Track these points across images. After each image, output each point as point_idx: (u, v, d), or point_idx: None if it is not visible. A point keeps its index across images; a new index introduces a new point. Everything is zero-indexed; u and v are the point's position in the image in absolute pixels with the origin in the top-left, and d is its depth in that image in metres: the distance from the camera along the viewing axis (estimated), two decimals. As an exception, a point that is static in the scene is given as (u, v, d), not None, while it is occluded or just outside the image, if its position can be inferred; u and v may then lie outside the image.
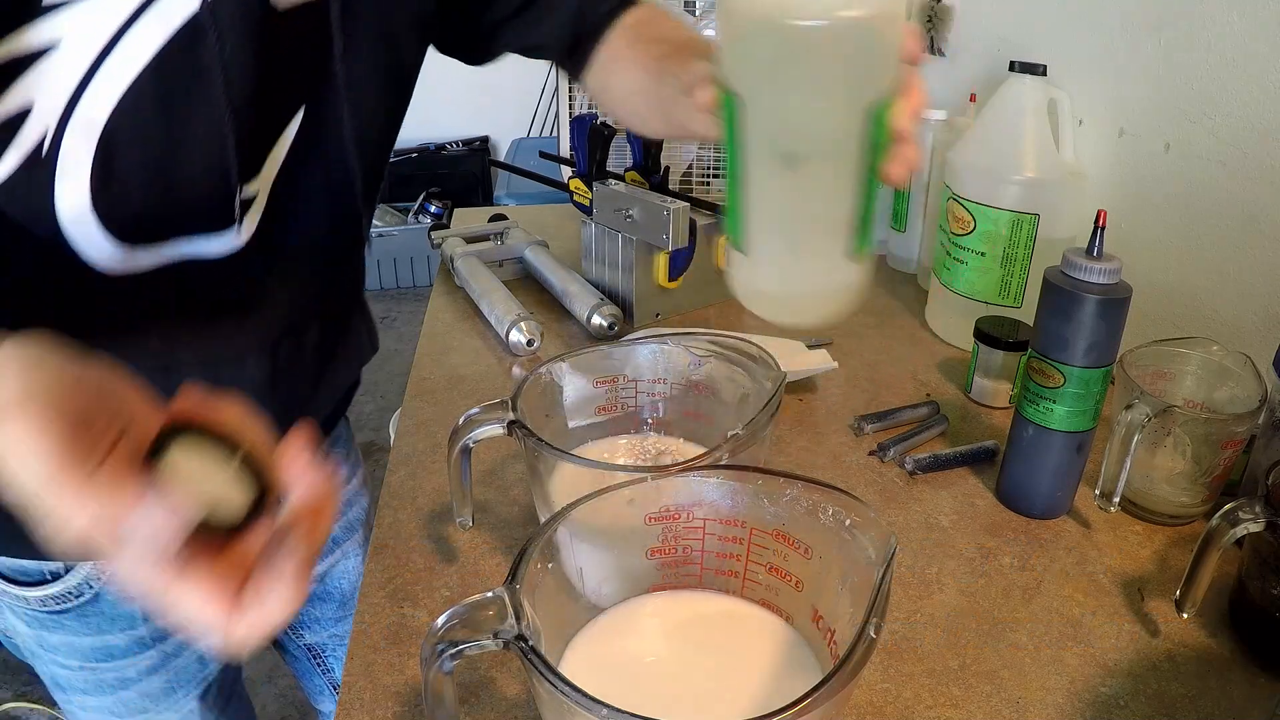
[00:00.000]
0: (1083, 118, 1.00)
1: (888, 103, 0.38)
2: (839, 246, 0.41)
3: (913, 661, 0.57)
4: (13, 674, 1.78)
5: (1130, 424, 0.63)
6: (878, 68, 0.37)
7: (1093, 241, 0.63)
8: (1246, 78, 0.79)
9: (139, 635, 0.69)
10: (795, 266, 0.42)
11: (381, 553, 0.66)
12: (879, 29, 0.36)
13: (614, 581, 0.51)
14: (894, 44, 0.38)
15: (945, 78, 1.31)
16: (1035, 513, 0.71)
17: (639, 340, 0.66)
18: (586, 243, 1.07)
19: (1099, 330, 0.63)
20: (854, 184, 0.40)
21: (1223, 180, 0.83)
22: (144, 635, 0.69)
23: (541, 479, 0.57)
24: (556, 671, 0.36)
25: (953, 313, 0.99)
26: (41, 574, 0.64)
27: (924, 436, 0.81)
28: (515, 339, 0.93)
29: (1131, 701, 0.54)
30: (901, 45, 0.39)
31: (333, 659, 0.90)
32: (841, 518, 0.45)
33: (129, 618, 0.68)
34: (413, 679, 0.54)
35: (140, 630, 0.69)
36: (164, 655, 0.71)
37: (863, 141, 0.38)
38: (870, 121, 0.38)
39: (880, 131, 0.39)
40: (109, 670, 0.69)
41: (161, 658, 0.71)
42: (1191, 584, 0.56)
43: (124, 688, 0.70)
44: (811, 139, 0.37)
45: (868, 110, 0.38)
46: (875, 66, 0.37)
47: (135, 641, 0.69)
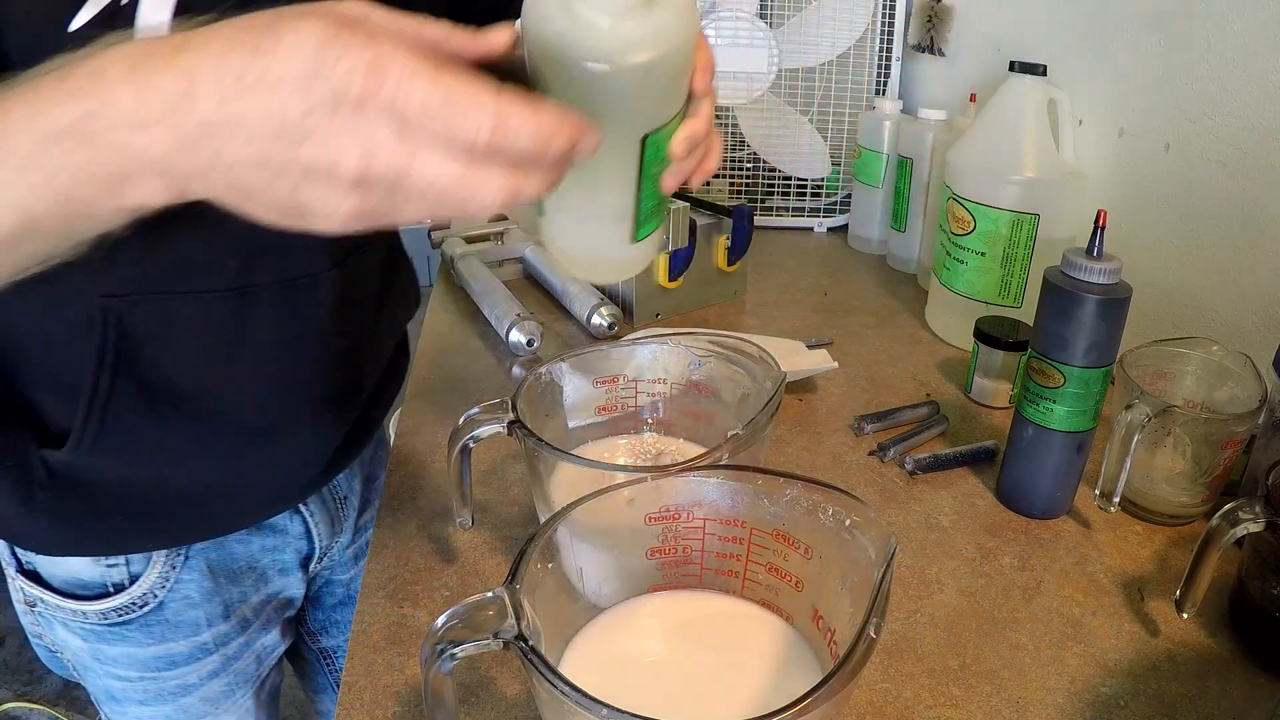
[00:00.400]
0: (1083, 118, 1.00)
1: (666, 131, 0.42)
2: (615, 232, 0.46)
3: (913, 661, 0.57)
4: (13, 674, 1.78)
5: (1130, 424, 0.63)
6: (655, 103, 0.41)
7: (1093, 241, 0.63)
8: (1246, 78, 0.79)
9: (202, 641, 0.68)
10: (579, 240, 0.47)
11: (381, 553, 0.66)
12: (657, 72, 0.38)
13: (614, 581, 0.51)
14: (673, 82, 0.41)
15: (945, 78, 1.31)
16: (1035, 513, 0.71)
17: (639, 340, 0.66)
18: (586, 243, 1.07)
19: (1099, 330, 0.63)
20: (628, 189, 0.44)
21: (1223, 180, 0.83)
22: (207, 640, 0.69)
23: (541, 479, 0.57)
24: (556, 671, 0.36)
25: (953, 313, 0.99)
26: (104, 586, 0.64)
27: (924, 436, 0.81)
28: (515, 339, 0.93)
29: (1131, 701, 0.54)
30: (686, 81, 0.42)
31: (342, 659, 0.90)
32: (841, 518, 0.45)
33: (192, 624, 0.67)
34: (413, 679, 0.54)
35: (204, 635, 0.68)
36: (225, 659, 0.71)
37: (636, 161, 0.42)
38: (643, 146, 0.42)
39: (654, 153, 0.43)
40: (171, 678, 0.69)
41: (223, 661, 0.71)
42: (1191, 584, 0.56)
43: (186, 694, 0.70)
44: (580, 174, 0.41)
45: (641, 138, 0.41)
46: (652, 102, 0.41)
47: (198, 647, 0.68)
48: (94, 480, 0.57)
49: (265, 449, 0.63)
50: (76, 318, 0.52)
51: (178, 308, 0.54)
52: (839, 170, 1.39)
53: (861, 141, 1.28)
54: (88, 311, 0.51)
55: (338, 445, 0.69)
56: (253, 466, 0.63)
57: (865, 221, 1.31)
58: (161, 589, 0.65)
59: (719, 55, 1.27)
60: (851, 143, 1.35)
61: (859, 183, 1.30)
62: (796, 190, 1.40)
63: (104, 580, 0.64)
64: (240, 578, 0.70)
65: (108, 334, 0.52)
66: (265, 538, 0.71)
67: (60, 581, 0.64)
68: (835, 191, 1.41)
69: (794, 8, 1.31)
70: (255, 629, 0.73)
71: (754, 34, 1.29)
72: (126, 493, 0.59)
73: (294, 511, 0.72)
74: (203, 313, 0.55)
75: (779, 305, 1.11)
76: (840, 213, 1.40)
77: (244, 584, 0.70)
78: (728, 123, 1.37)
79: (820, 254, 1.32)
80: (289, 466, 0.66)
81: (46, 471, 0.56)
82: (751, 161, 1.40)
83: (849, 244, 1.35)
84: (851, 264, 1.27)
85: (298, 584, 0.75)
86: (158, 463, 0.59)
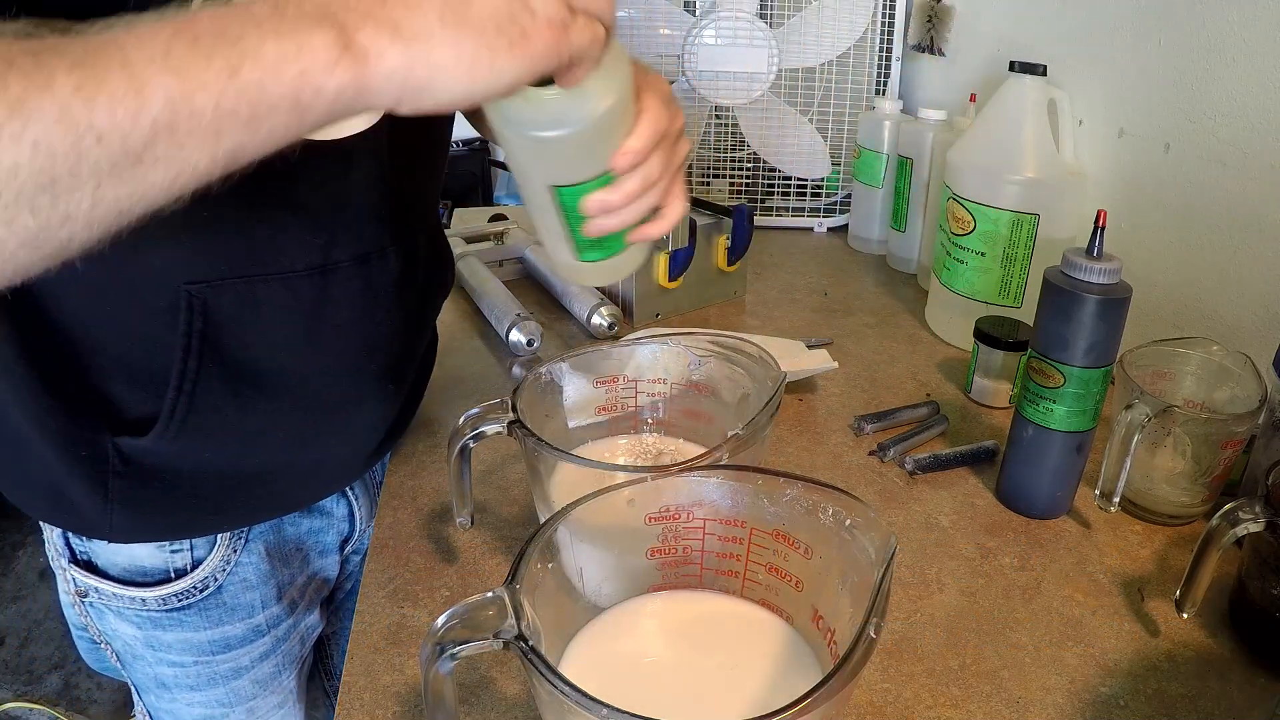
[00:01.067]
0: (1083, 118, 1.00)
1: (578, 189, 0.49)
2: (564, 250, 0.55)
3: (913, 661, 0.57)
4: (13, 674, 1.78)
5: (1130, 424, 0.63)
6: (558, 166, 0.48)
7: (1093, 241, 0.63)
8: (1246, 78, 0.79)
9: (256, 623, 0.70)
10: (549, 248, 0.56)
11: (381, 553, 0.66)
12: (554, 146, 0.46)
13: (614, 581, 0.51)
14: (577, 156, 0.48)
15: (945, 78, 1.31)
16: (1035, 513, 0.71)
17: (639, 340, 0.66)
18: (586, 243, 1.07)
19: (1099, 330, 0.63)
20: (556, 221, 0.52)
21: (1223, 180, 0.83)
22: (260, 622, 0.70)
23: (541, 479, 0.57)
24: (556, 671, 0.36)
25: (953, 313, 0.99)
26: (166, 572, 0.65)
27: (924, 436, 0.81)
28: (515, 339, 0.93)
29: (1131, 701, 0.54)
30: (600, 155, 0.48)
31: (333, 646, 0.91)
32: (841, 518, 0.45)
33: (248, 606, 0.69)
34: (413, 679, 0.54)
35: (258, 618, 0.70)
36: (276, 640, 0.72)
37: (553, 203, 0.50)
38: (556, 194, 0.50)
39: (570, 202, 0.50)
40: (224, 661, 0.70)
41: (274, 642, 0.72)
42: (1191, 584, 0.56)
43: (237, 677, 0.71)
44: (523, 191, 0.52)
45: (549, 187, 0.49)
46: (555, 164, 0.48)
47: (252, 630, 0.70)
48: (171, 467, 0.59)
49: (333, 425, 0.65)
50: (160, 307, 0.53)
51: (261, 290, 0.55)
52: (839, 170, 1.39)
53: (861, 141, 1.28)
54: (172, 300, 0.53)
55: (391, 422, 0.71)
56: (320, 444, 0.65)
57: (865, 221, 1.31)
58: (222, 573, 0.66)
59: (719, 55, 1.29)
60: (851, 143, 1.35)
61: (859, 183, 1.30)
62: (796, 190, 1.41)
63: (166, 566, 0.65)
64: (290, 559, 0.72)
65: (193, 321, 0.53)
66: (314, 519, 0.73)
67: (119, 570, 0.65)
68: (835, 191, 1.41)
69: (794, 8, 1.31)
70: (301, 610, 0.75)
71: (754, 34, 1.29)
72: (202, 477, 0.61)
73: (340, 494, 0.74)
74: (286, 293, 0.56)
75: (779, 305, 1.11)
76: (840, 213, 1.40)
77: (293, 566, 0.72)
78: (728, 123, 1.38)
79: (820, 254, 1.32)
80: (352, 444, 0.68)
81: (122, 460, 0.57)
82: (751, 161, 1.40)
83: (849, 244, 1.35)
84: (851, 264, 1.27)
85: (334, 565, 0.77)
86: (235, 445, 0.60)
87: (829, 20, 1.30)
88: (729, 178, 1.41)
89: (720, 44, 1.30)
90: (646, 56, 1.33)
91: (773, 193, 1.41)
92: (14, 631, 1.88)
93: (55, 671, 1.78)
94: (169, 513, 0.62)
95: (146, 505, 0.61)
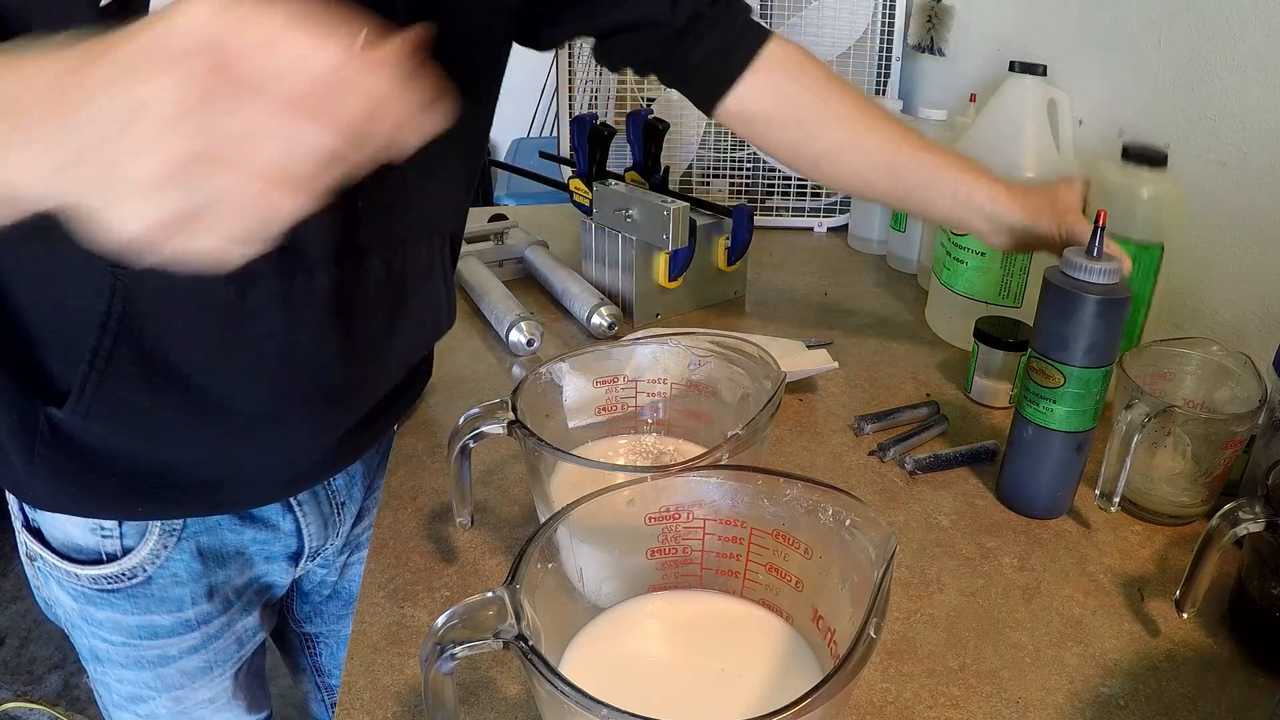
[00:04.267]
0: (1083, 118, 1.00)
1: None
2: None
3: (913, 661, 0.57)
4: (13, 674, 1.78)
5: (1130, 424, 0.63)
6: None
7: (1093, 241, 0.63)
8: (1247, 78, 0.79)
9: (185, 618, 0.71)
10: None
11: (381, 553, 0.66)
12: None
13: (614, 581, 0.51)
14: None
15: (945, 78, 1.31)
16: (1035, 513, 0.71)
17: (639, 340, 0.66)
18: (586, 243, 1.07)
19: (1099, 330, 0.63)
20: None
21: (1223, 180, 0.83)
22: (190, 618, 0.71)
23: (541, 479, 0.57)
24: (556, 671, 0.36)
25: (953, 313, 0.99)
26: (98, 554, 0.66)
27: (924, 436, 0.81)
28: (515, 339, 0.93)
29: (1131, 701, 0.54)
30: None
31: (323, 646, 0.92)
32: (841, 518, 0.45)
33: (177, 601, 0.70)
34: (413, 679, 0.54)
35: (187, 613, 0.71)
36: (206, 637, 0.73)
37: None
38: None
39: None
40: (150, 648, 0.71)
41: (204, 639, 0.73)
42: (1191, 584, 0.56)
43: (163, 665, 0.73)
44: None
45: None
46: None
47: (180, 623, 0.71)
48: (90, 443, 0.60)
49: (255, 436, 0.64)
50: (88, 286, 0.54)
51: (180, 287, 0.55)
52: (839, 170, 1.38)
53: (861, 141, 1.27)
54: (98, 281, 0.54)
55: (332, 445, 0.70)
56: (240, 452, 0.65)
57: (865, 221, 1.31)
58: (151, 565, 0.68)
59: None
60: (851, 143, 1.35)
61: (859, 183, 1.30)
62: (796, 190, 1.41)
63: (98, 548, 0.66)
64: (228, 562, 0.72)
65: (114, 303, 0.55)
66: (257, 530, 0.72)
67: (58, 543, 0.68)
68: (835, 191, 1.41)
69: (794, 8, 1.31)
70: (237, 610, 0.75)
71: (754, 34, 1.29)
72: (119, 458, 0.62)
73: (286, 509, 0.73)
74: (204, 294, 0.56)
75: (779, 305, 1.11)
76: (840, 213, 1.40)
77: (230, 568, 0.72)
78: (728, 123, 1.37)
79: (820, 254, 1.32)
80: (278, 458, 0.68)
81: (50, 429, 0.59)
82: (751, 161, 1.40)
83: (849, 244, 1.35)
84: (851, 264, 1.27)
85: (282, 573, 0.77)
86: (150, 434, 0.61)
87: (829, 20, 1.30)
88: (729, 178, 1.41)
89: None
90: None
91: (773, 193, 1.41)
92: (14, 631, 1.88)
93: (55, 671, 1.78)
94: (89, 487, 0.63)
95: (69, 476, 0.62)
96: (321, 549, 0.78)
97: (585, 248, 1.07)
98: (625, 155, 1.15)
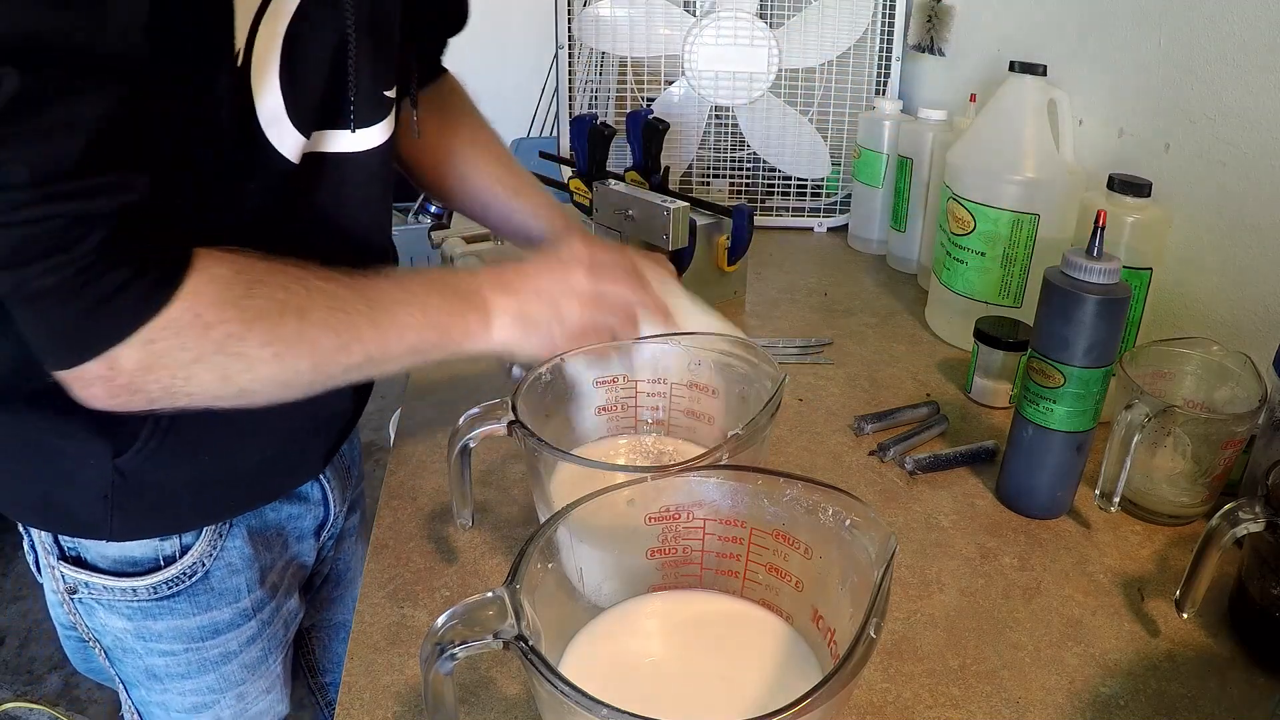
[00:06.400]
0: (1083, 118, 1.00)
1: None
2: None
3: (913, 661, 0.57)
4: (13, 674, 1.78)
5: (1130, 424, 0.63)
6: None
7: (1093, 241, 0.63)
8: (1246, 78, 0.79)
9: (243, 607, 0.71)
10: None
11: (381, 553, 0.66)
12: None
13: (614, 581, 0.51)
14: None
15: (945, 78, 1.31)
16: (1035, 513, 0.71)
17: (639, 340, 0.66)
18: (586, 243, 1.07)
19: (1099, 330, 0.63)
20: None
21: (1223, 180, 0.83)
22: (247, 606, 0.71)
23: (541, 479, 0.57)
24: (556, 671, 0.36)
25: (953, 313, 0.99)
26: (156, 560, 0.66)
27: (924, 436, 0.81)
28: (515, 339, 0.92)
29: (1131, 701, 0.54)
30: None
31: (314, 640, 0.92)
32: (841, 518, 0.45)
33: (235, 590, 0.70)
34: (413, 679, 0.54)
35: (244, 602, 0.71)
36: (261, 624, 0.73)
37: None
38: None
39: None
40: (214, 647, 0.71)
41: (259, 626, 0.73)
42: (1191, 584, 0.56)
43: (226, 662, 0.72)
44: None
45: None
46: None
47: (239, 614, 0.71)
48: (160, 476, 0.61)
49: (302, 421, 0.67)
50: None
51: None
52: (839, 170, 1.39)
53: (861, 141, 1.28)
54: None
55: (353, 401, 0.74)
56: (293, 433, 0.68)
57: (865, 221, 1.31)
58: (209, 558, 0.67)
59: (719, 55, 1.29)
60: (851, 143, 1.35)
61: (859, 183, 1.30)
62: (796, 190, 1.41)
63: (156, 555, 0.65)
64: (271, 544, 0.73)
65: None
66: (293, 505, 0.74)
67: (109, 562, 0.65)
68: (835, 191, 1.41)
69: (794, 8, 1.31)
70: (282, 594, 0.76)
71: (754, 34, 1.29)
72: (187, 481, 0.63)
73: (314, 480, 0.75)
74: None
75: (779, 305, 1.11)
76: (840, 213, 1.40)
77: (274, 550, 0.73)
78: (728, 123, 1.38)
79: (820, 254, 1.32)
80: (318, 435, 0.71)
81: (119, 474, 0.59)
82: (751, 161, 1.40)
83: (849, 244, 1.35)
84: (851, 264, 1.27)
85: (311, 550, 0.79)
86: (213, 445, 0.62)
87: (829, 20, 1.30)
88: (729, 178, 1.41)
89: (720, 44, 1.30)
90: (646, 57, 1.33)
91: (773, 193, 1.41)
92: (14, 631, 1.88)
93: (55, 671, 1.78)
94: (160, 514, 0.64)
95: (141, 510, 0.62)
96: (336, 517, 0.80)
97: (585, 248, 1.07)
98: (625, 155, 1.15)
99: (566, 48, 1.35)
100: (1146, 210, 0.78)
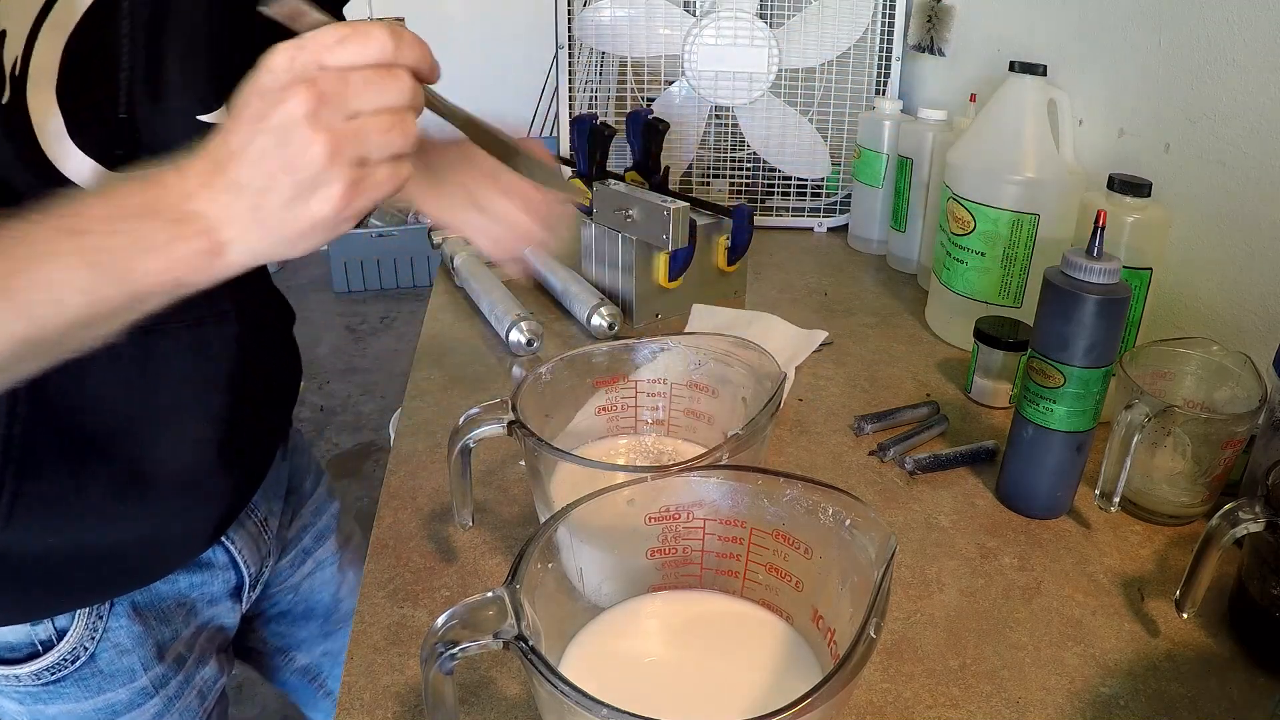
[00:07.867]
0: (1083, 118, 1.00)
1: None
2: None
3: (913, 661, 0.57)
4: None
5: (1130, 424, 0.63)
6: None
7: (1093, 241, 0.63)
8: (1246, 78, 0.79)
9: (140, 686, 0.67)
10: None
11: (381, 553, 0.66)
12: None
13: (614, 581, 0.51)
14: None
15: (945, 78, 1.31)
16: (1035, 513, 0.71)
17: (639, 340, 0.66)
18: (586, 243, 1.07)
19: (1099, 330, 0.63)
20: None
21: (1223, 180, 0.83)
22: (146, 685, 0.67)
23: (541, 479, 0.57)
24: (556, 671, 0.36)
25: (953, 313, 0.99)
26: (33, 646, 0.62)
27: (924, 436, 0.81)
28: (515, 339, 0.93)
29: (1131, 701, 0.54)
30: None
31: (331, 679, 0.88)
32: (841, 518, 0.45)
33: (128, 671, 0.66)
34: (413, 679, 0.54)
35: (141, 681, 0.67)
36: (167, 700, 0.69)
37: None
38: None
39: None
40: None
41: (165, 703, 0.69)
42: (1191, 584, 0.56)
43: None
44: None
45: None
46: None
47: (138, 694, 0.67)
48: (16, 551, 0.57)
49: (182, 496, 0.63)
50: None
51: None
52: (839, 170, 1.39)
53: (861, 141, 1.28)
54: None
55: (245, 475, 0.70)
56: (171, 517, 0.63)
57: (865, 221, 1.31)
58: (91, 641, 0.63)
59: (719, 55, 1.29)
60: (851, 143, 1.35)
61: (859, 183, 1.30)
62: (796, 190, 1.40)
63: (31, 640, 0.61)
64: (170, 616, 0.68)
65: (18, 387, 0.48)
66: (192, 575, 0.69)
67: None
68: (835, 191, 1.41)
69: (794, 8, 1.31)
70: (191, 664, 0.71)
71: (754, 34, 1.29)
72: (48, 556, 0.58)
73: (216, 545, 0.70)
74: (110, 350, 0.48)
75: (779, 305, 1.11)
76: (840, 213, 1.40)
77: (174, 622, 0.68)
78: (728, 123, 1.37)
79: (820, 254, 1.32)
80: (206, 510, 0.66)
81: None
82: (751, 161, 1.40)
83: (849, 244, 1.35)
84: (851, 264, 1.27)
85: (229, 612, 0.74)
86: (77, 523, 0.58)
87: (829, 20, 1.30)
88: (729, 178, 1.41)
89: (720, 44, 1.30)
90: (646, 57, 1.33)
91: (773, 193, 1.41)
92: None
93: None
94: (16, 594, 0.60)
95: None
96: (261, 573, 0.76)
97: (585, 248, 1.07)
98: (625, 155, 1.15)
99: (566, 48, 1.35)
100: (1146, 210, 0.78)
